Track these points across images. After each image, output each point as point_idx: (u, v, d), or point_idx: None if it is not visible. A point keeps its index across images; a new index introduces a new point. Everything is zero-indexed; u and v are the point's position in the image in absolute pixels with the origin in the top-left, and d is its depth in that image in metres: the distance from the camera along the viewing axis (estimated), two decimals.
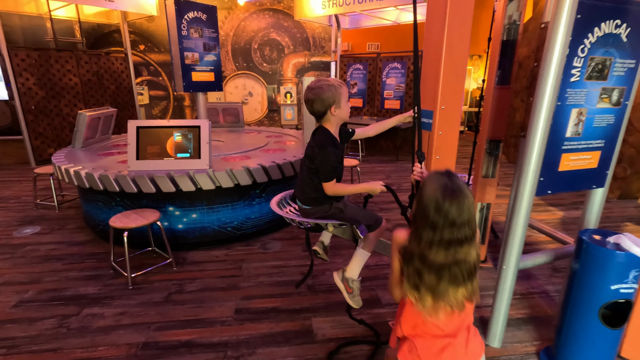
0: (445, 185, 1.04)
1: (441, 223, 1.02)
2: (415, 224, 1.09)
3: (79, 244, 3.32)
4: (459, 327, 1.14)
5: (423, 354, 1.13)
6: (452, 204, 1.02)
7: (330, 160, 1.61)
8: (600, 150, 1.88)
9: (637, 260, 1.57)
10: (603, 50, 1.68)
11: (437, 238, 1.03)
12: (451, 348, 1.12)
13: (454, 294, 1.06)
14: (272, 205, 1.88)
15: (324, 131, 1.67)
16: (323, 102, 1.59)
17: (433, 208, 1.03)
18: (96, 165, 3.17)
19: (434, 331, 1.13)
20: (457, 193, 1.03)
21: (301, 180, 1.79)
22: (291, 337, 2.15)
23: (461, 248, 1.04)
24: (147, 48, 9.03)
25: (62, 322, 2.26)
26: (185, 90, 3.83)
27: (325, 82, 1.62)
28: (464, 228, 1.03)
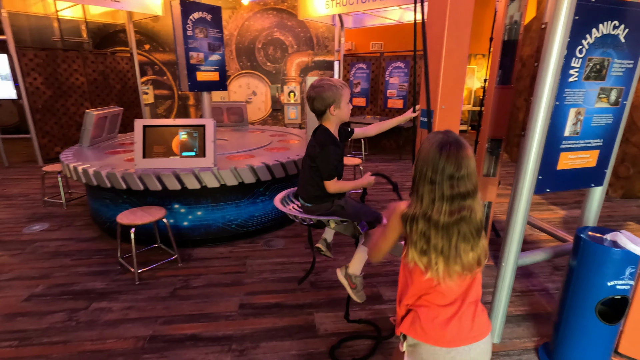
0: (440, 140, 1.03)
1: (440, 178, 1.00)
2: (416, 186, 1.07)
3: (87, 240, 3.39)
4: (466, 294, 1.10)
5: (427, 326, 1.09)
6: (449, 157, 1.00)
7: (331, 159, 1.65)
8: (599, 150, 1.91)
9: (633, 257, 1.60)
10: (601, 51, 1.71)
11: (438, 194, 1.01)
12: (457, 320, 1.07)
13: (465, 253, 1.03)
14: (275, 202, 1.92)
15: (324, 130, 1.71)
16: (323, 101, 1.64)
17: (430, 164, 1.02)
18: (104, 163, 3.24)
19: (440, 301, 1.09)
20: (453, 146, 1.01)
21: (303, 179, 1.83)
22: (294, 331, 2.19)
23: (465, 202, 1.01)
24: (152, 48, 9.11)
25: (71, 316, 2.33)
26: (190, 90, 3.88)
27: (328, 82, 1.65)
28: (464, 181, 1.01)
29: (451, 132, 1.07)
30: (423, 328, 1.09)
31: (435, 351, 1.08)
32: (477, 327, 1.09)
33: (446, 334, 1.07)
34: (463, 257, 1.03)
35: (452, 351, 1.07)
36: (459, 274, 1.04)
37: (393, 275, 2.79)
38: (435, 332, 1.08)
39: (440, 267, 1.03)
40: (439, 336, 1.07)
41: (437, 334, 1.08)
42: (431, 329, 1.08)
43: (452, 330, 1.07)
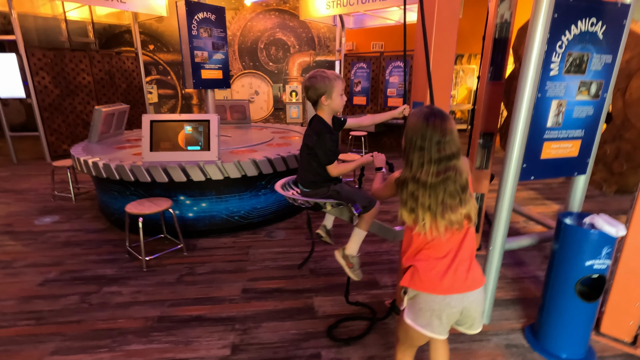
0: (426, 112, 1.18)
1: (428, 144, 1.14)
2: (406, 155, 1.21)
3: (96, 231, 3.54)
4: (460, 247, 1.23)
5: (425, 277, 1.20)
6: (435, 125, 1.14)
7: (328, 145, 1.78)
8: (581, 140, 2.02)
9: (609, 239, 1.72)
10: (580, 47, 1.82)
11: (427, 158, 1.14)
12: (452, 271, 1.19)
13: (452, 208, 1.15)
14: (276, 187, 2.05)
15: (319, 119, 1.83)
16: (316, 90, 1.74)
17: (419, 133, 1.15)
18: (112, 157, 3.38)
19: (436, 253, 1.22)
20: (437, 116, 1.16)
21: (301, 166, 1.96)
22: (294, 313, 2.32)
23: (450, 162, 1.14)
24: (156, 48, 9.28)
25: (84, 298, 2.46)
26: (194, 87, 4.02)
27: (322, 73, 1.76)
28: (449, 144, 1.14)
29: (434, 106, 1.22)
30: (421, 279, 1.22)
31: (432, 298, 1.22)
32: (472, 278, 1.23)
33: (443, 283, 1.20)
34: (451, 213, 1.16)
35: (448, 298, 1.21)
36: (447, 228, 1.17)
37: (389, 264, 2.91)
38: (432, 282, 1.21)
39: (427, 222, 1.17)
40: (436, 285, 1.21)
41: (433, 284, 1.21)
42: (428, 279, 1.21)
43: (448, 280, 1.20)
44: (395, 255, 3.07)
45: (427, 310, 1.22)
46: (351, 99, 8.05)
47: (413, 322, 1.26)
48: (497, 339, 2.08)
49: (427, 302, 1.22)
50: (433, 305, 1.22)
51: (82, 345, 2.04)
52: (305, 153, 1.87)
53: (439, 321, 1.22)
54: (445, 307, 1.21)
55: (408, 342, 1.35)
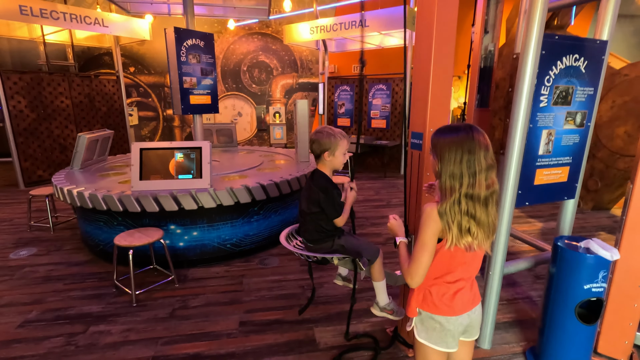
0: (459, 126, 1.18)
1: (477, 156, 1.12)
2: (449, 174, 1.15)
3: (79, 264, 3.36)
4: (475, 270, 1.29)
5: (437, 299, 1.27)
6: (478, 137, 1.14)
7: (337, 200, 1.83)
8: (569, 166, 2.13)
9: (604, 262, 1.78)
10: (566, 80, 1.94)
11: (478, 168, 1.13)
12: (461, 293, 1.27)
13: (495, 217, 1.19)
14: (281, 240, 2.05)
15: (322, 175, 1.85)
16: (320, 145, 1.81)
17: (465, 147, 1.13)
18: (98, 186, 3.26)
19: (450, 279, 1.26)
20: (475, 128, 1.16)
21: (304, 223, 1.97)
22: (295, 346, 2.26)
23: (492, 173, 1.16)
24: (137, 70, 9.19)
25: (69, 340, 2.31)
26: (183, 113, 3.98)
27: (329, 130, 1.84)
28: (490, 152, 1.15)
29: (464, 122, 1.23)
30: (435, 302, 1.28)
31: (447, 320, 1.28)
32: (475, 295, 1.33)
33: (454, 305, 1.27)
34: (495, 223, 1.19)
35: (460, 318, 1.29)
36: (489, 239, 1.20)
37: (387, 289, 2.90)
38: (446, 305, 1.27)
39: (480, 236, 1.17)
40: (449, 307, 1.27)
41: (447, 306, 1.27)
42: (443, 302, 1.27)
43: (458, 302, 1.27)
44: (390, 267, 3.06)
45: (441, 330, 1.29)
46: (335, 120, 8.18)
47: (427, 341, 1.32)
48: None
49: (441, 324, 1.29)
50: (448, 325, 1.29)
51: None
52: (309, 210, 1.88)
53: (452, 338, 1.30)
54: (458, 326, 1.29)
55: None
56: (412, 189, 2.04)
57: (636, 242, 1.94)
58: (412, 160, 2.03)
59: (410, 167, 2.03)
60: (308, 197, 1.88)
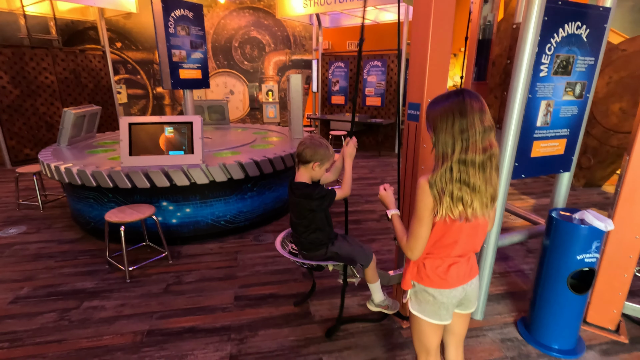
0: (454, 91, 1.12)
1: (470, 119, 1.07)
2: (442, 141, 1.11)
3: (70, 241, 3.31)
4: (475, 244, 1.24)
5: (431, 272, 1.24)
6: (472, 101, 1.08)
7: (325, 192, 1.80)
8: (566, 138, 2.10)
9: (598, 232, 1.79)
10: (567, 49, 1.89)
11: (471, 133, 1.07)
12: (456, 265, 1.23)
13: (494, 184, 1.12)
14: (277, 247, 2.05)
15: (301, 185, 1.81)
16: (315, 154, 1.78)
17: (457, 110, 1.08)
18: (86, 163, 3.17)
19: (445, 252, 1.22)
20: (470, 92, 1.09)
21: (296, 234, 1.96)
22: (291, 319, 2.27)
23: (490, 136, 1.09)
24: (124, 46, 8.86)
25: (63, 315, 2.29)
26: (173, 88, 3.86)
27: (326, 143, 1.84)
28: (488, 117, 1.09)
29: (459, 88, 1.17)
30: (428, 275, 1.26)
31: (440, 292, 1.26)
32: (471, 267, 1.29)
33: (448, 277, 1.24)
34: (494, 189, 1.13)
35: (454, 290, 1.26)
36: (488, 207, 1.14)
37: (380, 264, 2.92)
38: (439, 277, 1.25)
39: (476, 204, 1.11)
40: (443, 280, 1.25)
41: (441, 279, 1.25)
42: (436, 274, 1.25)
43: (453, 274, 1.24)
44: (385, 255, 3.08)
45: (435, 303, 1.27)
46: (329, 98, 8.05)
47: (421, 314, 1.30)
48: (492, 334, 2.13)
49: (434, 296, 1.27)
50: (441, 298, 1.26)
51: None
52: (300, 222, 1.88)
53: (446, 311, 1.29)
54: (451, 298, 1.27)
55: (423, 346, 1.35)
56: (409, 162, 2.01)
57: (630, 213, 1.95)
58: (408, 133, 1.98)
59: (407, 140, 2.00)
60: (297, 209, 1.88)
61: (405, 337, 2.10)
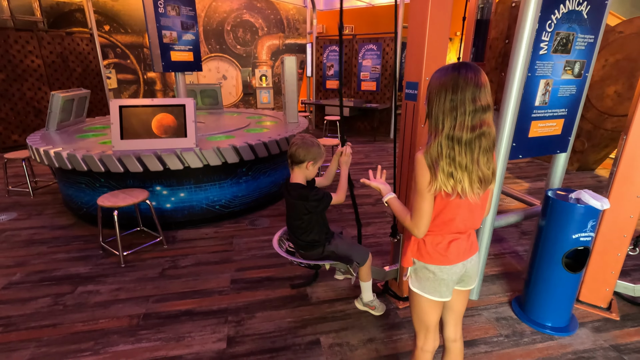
0: (453, 65, 1.08)
1: (461, 95, 1.04)
2: (435, 115, 1.09)
3: (62, 227, 3.27)
4: (473, 222, 1.22)
5: (432, 249, 1.24)
6: (467, 76, 1.04)
7: (321, 195, 1.82)
8: (564, 118, 2.09)
9: (594, 211, 1.80)
10: (567, 26, 1.86)
11: (460, 111, 1.04)
12: (456, 242, 1.23)
13: (484, 166, 1.09)
14: (275, 246, 2.06)
15: (297, 186, 1.84)
16: (308, 153, 1.81)
17: (450, 85, 1.05)
18: (76, 147, 3.10)
19: (444, 230, 1.21)
20: (469, 66, 1.05)
21: (292, 235, 1.99)
22: (287, 301, 2.27)
23: (484, 115, 1.06)
24: (112, 29, 8.60)
25: (57, 300, 2.27)
26: (164, 70, 3.76)
27: (318, 143, 1.87)
28: (484, 95, 1.05)
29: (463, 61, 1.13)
30: (429, 252, 1.25)
31: (440, 269, 1.25)
32: (471, 244, 1.29)
33: (449, 254, 1.23)
34: (483, 171, 1.10)
35: (454, 267, 1.26)
36: (479, 188, 1.12)
37: (376, 246, 2.93)
38: (440, 254, 1.24)
39: (466, 183, 1.10)
40: (443, 257, 1.24)
41: (441, 255, 1.24)
42: (437, 251, 1.24)
43: (453, 251, 1.24)
44: (381, 238, 3.09)
45: (435, 280, 1.27)
46: (324, 82, 7.95)
47: (421, 291, 1.30)
48: (487, 314, 2.16)
49: (434, 273, 1.26)
50: (441, 275, 1.26)
51: (61, 350, 1.88)
52: (296, 223, 1.91)
53: (446, 287, 1.28)
54: (452, 275, 1.27)
55: (422, 323, 1.35)
56: (406, 142, 1.99)
57: (625, 192, 1.96)
58: (406, 112, 1.95)
59: (404, 119, 1.97)
60: (294, 211, 1.90)
61: (402, 318, 2.12)
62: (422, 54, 1.75)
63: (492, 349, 1.89)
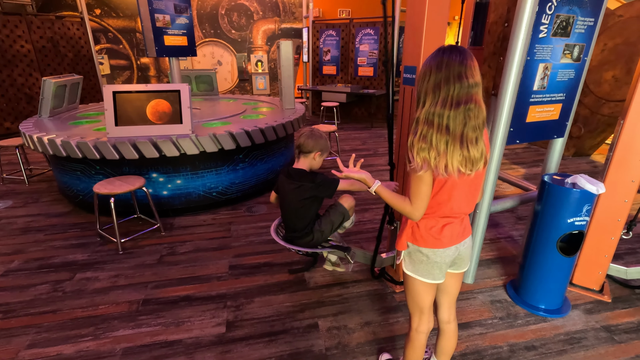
0: (443, 47, 1.09)
1: (445, 74, 1.04)
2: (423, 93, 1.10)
3: (59, 215, 3.26)
4: (467, 205, 1.23)
5: (425, 232, 1.25)
6: (452, 57, 1.04)
7: (325, 179, 1.89)
8: (562, 103, 2.08)
9: (589, 196, 1.81)
10: (567, 8, 1.83)
11: (444, 88, 1.04)
12: (449, 226, 1.24)
13: (472, 143, 1.08)
14: (272, 235, 2.12)
15: (305, 173, 1.91)
16: (317, 145, 1.90)
17: (435, 65, 1.06)
18: (70, 134, 3.06)
19: (439, 212, 1.22)
20: (457, 48, 1.05)
21: (290, 219, 2.03)
22: (286, 286, 2.30)
23: (472, 91, 1.05)
24: (103, 12, 8.40)
25: (56, 287, 2.28)
26: (158, 55, 3.69)
27: (325, 137, 1.96)
28: (471, 72, 1.05)
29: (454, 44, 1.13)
30: (422, 235, 1.26)
31: (434, 252, 1.27)
32: (465, 227, 1.30)
33: (442, 237, 1.25)
34: (470, 149, 1.08)
35: (447, 250, 1.27)
36: (464, 165, 1.10)
37: (373, 232, 2.95)
38: (433, 237, 1.25)
39: (456, 156, 1.08)
40: (436, 240, 1.25)
41: (435, 239, 1.25)
42: (430, 235, 1.25)
43: (447, 234, 1.25)
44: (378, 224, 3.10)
45: (428, 263, 1.28)
46: (321, 68, 7.84)
47: (414, 274, 1.32)
48: (482, 297, 2.20)
49: (428, 256, 1.28)
50: (435, 258, 1.28)
51: (61, 335, 1.90)
52: (295, 204, 1.95)
53: (439, 270, 1.30)
54: (445, 257, 1.28)
55: (417, 306, 1.37)
56: (404, 127, 1.98)
57: (621, 177, 1.97)
58: (404, 97, 1.94)
59: (402, 104, 1.95)
60: (293, 196, 1.93)
61: (398, 301, 2.15)
62: (421, 38, 1.73)
63: (487, 331, 1.93)
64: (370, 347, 1.83)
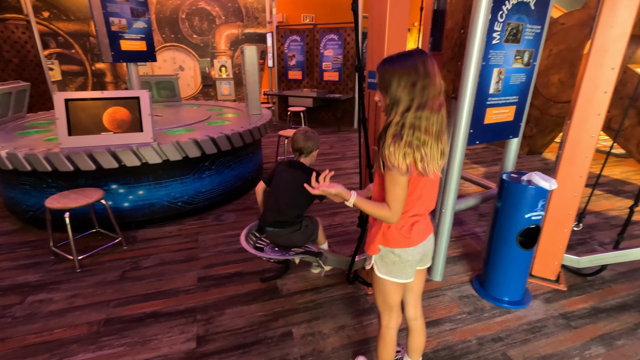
0: (405, 53, 1.13)
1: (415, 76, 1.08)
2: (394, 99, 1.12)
3: (5, 233, 3.00)
4: (430, 204, 1.30)
5: (397, 233, 1.28)
6: (420, 57, 1.09)
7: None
8: (515, 105, 2.21)
9: (543, 192, 1.93)
10: (517, 17, 1.95)
11: (419, 89, 1.08)
12: (417, 224, 1.29)
13: (444, 138, 1.15)
14: (242, 244, 2.13)
15: (302, 164, 2.10)
16: (315, 144, 2.09)
17: (405, 70, 1.09)
18: (17, 145, 2.84)
19: (409, 213, 1.26)
20: (420, 52, 1.10)
21: (284, 202, 2.08)
22: (258, 295, 2.25)
23: (441, 96, 1.12)
24: (52, 15, 7.92)
25: (4, 312, 2.09)
26: (114, 61, 3.52)
27: (316, 133, 2.14)
28: (438, 78, 1.10)
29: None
30: (394, 236, 1.29)
31: (405, 251, 1.30)
32: (427, 225, 1.35)
33: (412, 236, 1.28)
34: (443, 144, 1.15)
35: (417, 247, 1.31)
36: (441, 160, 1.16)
37: (344, 235, 2.97)
38: (404, 237, 1.28)
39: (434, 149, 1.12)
40: (407, 239, 1.29)
41: (406, 238, 1.29)
42: (401, 234, 1.28)
43: (415, 232, 1.29)
44: (348, 227, 3.13)
45: (400, 263, 1.31)
46: (286, 73, 7.84)
47: (388, 276, 1.34)
48: (451, 293, 2.27)
49: (400, 256, 1.30)
50: (406, 257, 1.30)
51: None
52: (293, 190, 2.04)
53: (411, 269, 1.34)
54: (415, 255, 1.32)
55: (387, 305, 1.39)
56: (370, 130, 2.01)
57: (570, 173, 2.12)
58: (369, 101, 1.97)
59: (368, 108, 1.99)
60: (290, 182, 2.05)
61: (371, 303, 2.17)
62: (383, 44, 1.77)
63: (457, 326, 1.99)
64: (345, 351, 1.83)
